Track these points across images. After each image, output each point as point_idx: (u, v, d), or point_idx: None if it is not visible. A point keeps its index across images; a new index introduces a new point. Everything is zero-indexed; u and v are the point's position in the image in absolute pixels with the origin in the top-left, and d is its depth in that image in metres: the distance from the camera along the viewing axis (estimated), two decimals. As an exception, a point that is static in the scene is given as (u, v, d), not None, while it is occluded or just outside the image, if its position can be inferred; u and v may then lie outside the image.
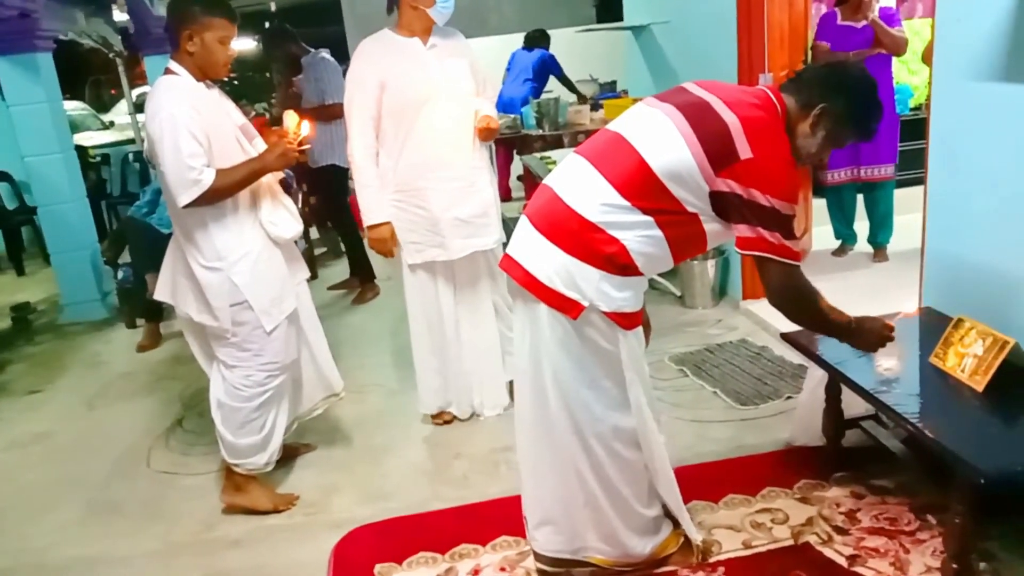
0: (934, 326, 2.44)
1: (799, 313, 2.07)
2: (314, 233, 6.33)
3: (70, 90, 5.96)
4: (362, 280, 5.21)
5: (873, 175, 4.43)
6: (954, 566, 1.99)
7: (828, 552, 2.23)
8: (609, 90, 6.69)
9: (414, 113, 2.90)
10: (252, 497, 2.75)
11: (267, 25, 5.51)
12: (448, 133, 2.95)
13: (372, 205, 2.98)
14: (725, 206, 1.95)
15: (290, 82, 5.29)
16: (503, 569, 2.32)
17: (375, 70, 2.89)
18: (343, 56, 5.69)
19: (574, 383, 2.02)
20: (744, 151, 1.89)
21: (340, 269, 5.66)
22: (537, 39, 7.40)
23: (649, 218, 1.94)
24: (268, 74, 5.71)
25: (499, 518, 2.51)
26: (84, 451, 3.44)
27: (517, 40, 7.56)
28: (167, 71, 2.54)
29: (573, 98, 6.83)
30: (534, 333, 2.03)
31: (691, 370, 3.50)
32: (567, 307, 1.95)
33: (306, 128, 2.65)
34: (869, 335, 2.14)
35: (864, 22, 4.24)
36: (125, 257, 4.95)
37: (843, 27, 4.30)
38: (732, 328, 3.96)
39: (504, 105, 6.56)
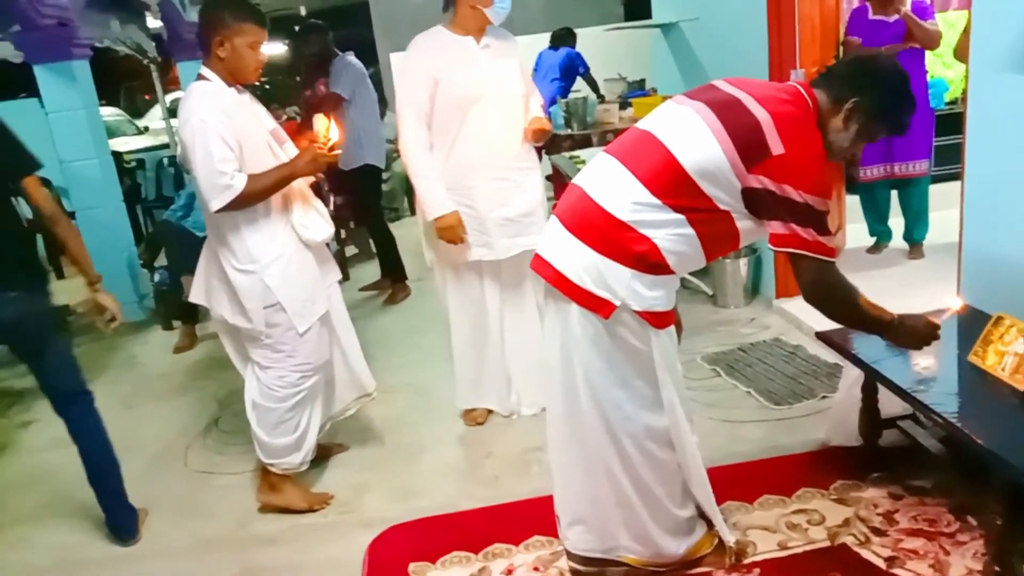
0: (973, 324, 2.39)
1: (835, 310, 2.05)
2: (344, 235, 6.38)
3: (105, 96, 6.06)
4: (393, 281, 5.24)
5: (907, 171, 4.36)
6: (996, 568, 1.96)
7: (866, 553, 2.20)
8: (638, 88, 6.65)
9: (464, 111, 2.90)
10: (287, 496, 2.78)
11: (296, 28, 5.54)
12: (497, 133, 2.94)
13: (435, 197, 2.93)
14: (757, 203, 1.93)
15: (313, 85, 5.31)
16: (536, 569, 2.32)
17: (429, 66, 2.88)
18: (371, 59, 5.73)
19: (605, 382, 2.01)
20: (776, 147, 1.88)
21: (371, 270, 5.69)
22: (563, 37, 7.37)
23: (680, 216, 1.93)
24: (298, 77, 5.71)
25: (532, 518, 2.51)
26: (122, 449, 3.45)
27: (543, 40, 7.55)
28: (199, 77, 2.57)
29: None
30: (565, 332, 2.03)
31: (724, 370, 3.47)
32: (598, 306, 1.94)
33: (335, 133, 2.66)
34: (913, 332, 2.10)
35: (896, 16, 4.18)
36: (161, 260, 5.03)
37: (874, 21, 4.24)
38: (765, 327, 3.92)
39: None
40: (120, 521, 2.78)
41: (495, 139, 2.94)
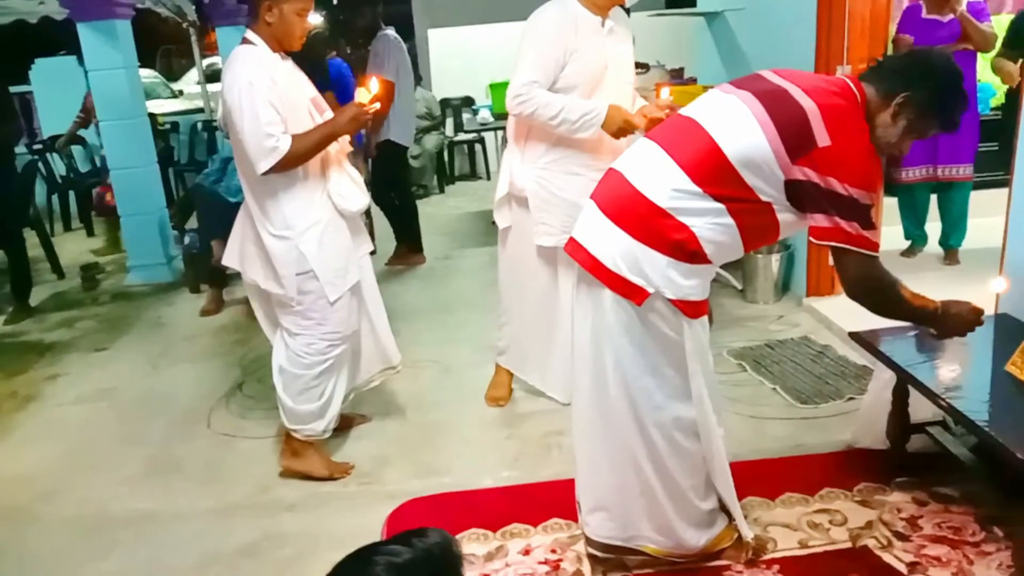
0: (1011, 333, 2.36)
1: (880, 304, 2.02)
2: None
3: (141, 58, 6.08)
4: (409, 249, 5.37)
5: (950, 175, 4.28)
6: (1022, 581, 1.94)
7: (887, 557, 2.18)
8: (676, 77, 6.57)
9: (583, 97, 2.77)
10: (309, 463, 2.80)
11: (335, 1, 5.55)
12: None
13: (584, 106, 2.71)
14: (801, 195, 1.90)
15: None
16: (553, 551, 2.32)
17: (564, 42, 2.72)
18: (408, 35, 5.72)
19: (636, 370, 1.99)
20: (822, 138, 1.85)
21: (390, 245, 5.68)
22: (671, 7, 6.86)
23: (721, 205, 1.90)
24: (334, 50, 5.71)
25: (551, 500, 2.51)
26: (147, 409, 3.54)
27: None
28: (244, 41, 2.57)
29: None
30: (597, 318, 2.02)
31: (750, 365, 3.44)
32: (632, 293, 1.93)
33: (375, 85, 2.62)
34: (956, 319, 2.08)
35: (951, 16, 4.10)
36: (191, 223, 5.07)
37: (928, 21, 4.17)
38: (794, 325, 3.88)
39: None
40: None
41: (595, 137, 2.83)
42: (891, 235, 4.53)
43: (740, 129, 1.90)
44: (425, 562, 1.05)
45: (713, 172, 1.90)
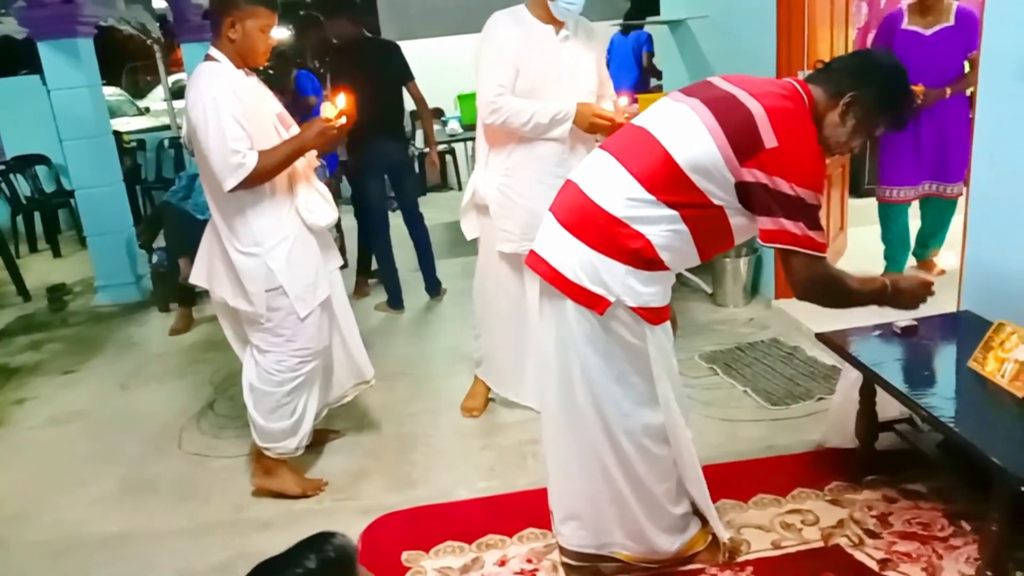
0: (973, 330, 2.39)
1: (831, 300, 2.05)
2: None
3: (107, 76, 6.00)
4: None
5: (943, 192, 3.96)
6: (989, 574, 1.96)
7: (859, 555, 2.21)
8: (641, 85, 6.64)
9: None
10: (281, 481, 2.78)
11: (301, 13, 5.56)
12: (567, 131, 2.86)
13: (552, 108, 2.78)
14: (750, 197, 1.92)
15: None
16: (529, 561, 2.32)
17: (514, 48, 2.78)
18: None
19: (602, 378, 2.01)
20: (769, 140, 1.87)
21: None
22: (633, 16, 6.46)
23: (674, 212, 1.92)
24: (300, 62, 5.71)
25: (526, 510, 2.52)
26: (118, 430, 3.50)
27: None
28: (208, 57, 2.56)
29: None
30: (561, 329, 2.03)
31: (721, 368, 3.47)
32: (593, 302, 1.94)
33: (342, 101, 2.59)
34: (908, 294, 2.10)
35: (937, 27, 3.74)
36: (159, 241, 5.02)
37: (908, 32, 3.80)
38: (764, 327, 3.93)
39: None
40: (433, 284, 4.84)
41: (564, 137, 2.85)
42: (858, 236, 4.62)
43: (690, 136, 1.92)
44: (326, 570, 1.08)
45: (666, 180, 1.92)
